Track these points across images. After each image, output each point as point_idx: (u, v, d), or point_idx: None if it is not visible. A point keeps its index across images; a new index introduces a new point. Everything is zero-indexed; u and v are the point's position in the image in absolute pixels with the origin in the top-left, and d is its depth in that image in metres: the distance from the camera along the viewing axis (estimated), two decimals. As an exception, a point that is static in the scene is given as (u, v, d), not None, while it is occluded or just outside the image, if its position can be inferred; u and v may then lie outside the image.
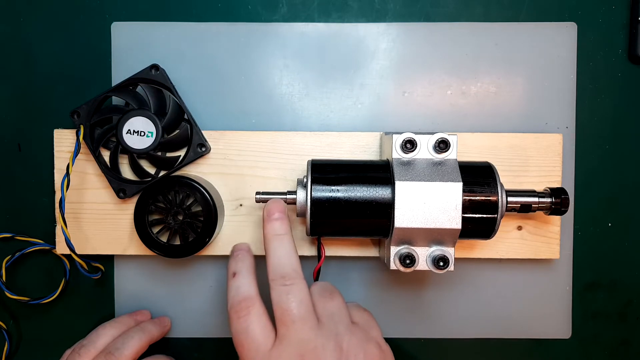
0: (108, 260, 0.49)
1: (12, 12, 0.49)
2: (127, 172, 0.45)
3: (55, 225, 0.46)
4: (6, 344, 0.49)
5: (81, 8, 0.49)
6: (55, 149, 0.46)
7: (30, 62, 0.49)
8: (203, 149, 0.45)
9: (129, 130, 0.44)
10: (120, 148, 0.44)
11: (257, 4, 0.49)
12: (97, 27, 0.48)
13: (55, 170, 0.46)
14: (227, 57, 0.48)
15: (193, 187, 0.43)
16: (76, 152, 0.43)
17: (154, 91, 0.45)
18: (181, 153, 0.45)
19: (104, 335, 0.42)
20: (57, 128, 0.46)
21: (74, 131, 0.46)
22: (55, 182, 0.46)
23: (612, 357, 0.50)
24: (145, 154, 0.44)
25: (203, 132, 0.46)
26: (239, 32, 0.48)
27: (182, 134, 0.45)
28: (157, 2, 0.49)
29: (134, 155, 0.44)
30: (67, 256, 0.48)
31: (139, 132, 0.44)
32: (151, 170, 0.45)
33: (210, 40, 0.48)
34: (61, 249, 0.46)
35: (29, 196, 0.49)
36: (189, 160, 0.45)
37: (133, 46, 0.47)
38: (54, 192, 0.46)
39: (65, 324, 0.49)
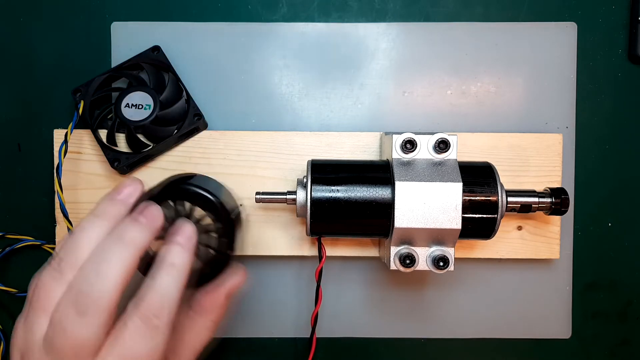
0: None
1: (12, 12, 0.49)
2: (124, 149, 0.46)
3: (56, 225, 0.46)
4: (2, 343, 0.49)
5: (81, 8, 0.49)
6: (55, 149, 0.46)
7: (30, 62, 0.49)
8: (198, 119, 0.45)
9: (128, 104, 0.45)
10: (118, 122, 0.44)
11: (257, 4, 0.49)
12: (97, 27, 0.48)
13: (55, 170, 0.46)
14: (227, 57, 0.48)
15: (196, 196, 0.33)
16: (74, 124, 0.43)
17: (154, 71, 0.46)
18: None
19: (86, 242, 0.29)
20: (57, 128, 0.46)
21: (74, 131, 0.46)
22: (55, 181, 0.46)
23: (612, 357, 0.50)
24: (141, 126, 0.44)
25: (203, 131, 0.46)
26: (239, 32, 0.48)
27: (179, 106, 0.45)
28: (157, 2, 0.49)
29: (131, 129, 0.44)
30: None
31: (137, 105, 0.44)
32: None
33: (210, 40, 0.48)
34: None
35: (29, 196, 0.49)
36: (184, 130, 0.45)
37: (133, 46, 0.47)
38: (53, 192, 0.46)
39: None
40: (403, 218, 0.38)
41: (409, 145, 0.39)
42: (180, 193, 0.33)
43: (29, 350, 0.28)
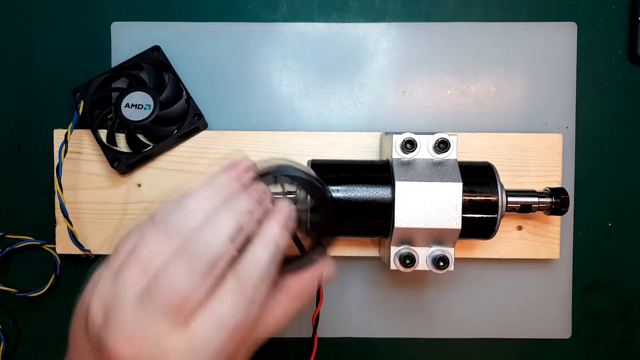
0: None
1: (12, 12, 0.49)
2: (124, 149, 0.46)
3: (56, 225, 0.46)
4: (2, 343, 0.49)
5: (81, 8, 0.49)
6: (55, 149, 0.46)
7: (30, 61, 0.49)
8: (198, 119, 0.45)
9: (128, 104, 0.45)
10: (118, 122, 0.45)
11: (257, 4, 0.49)
12: (97, 27, 0.48)
13: (55, 170, 0.46)
14: (227, 57, 0.48)
15: (301, 180, 0.33)
16: (74, 124, 0.43)
17: (154, 71, 0.46)
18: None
19: (198, 212, 0.29)
20: (57, 128, 0.46)
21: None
22: (55, 181, 0.46)
23: (612, 357, 0.50)
24: (141, 126, 0.44)
25: (203, 131, 0.46)
26: (239, 32, 0.48)
27: (179, 106, 0.45)
28: (157, 2, 0.49)
29: (131, 129, 0.44)
30: (59, 254, 0.48)
31: (137, 105, 0.44)
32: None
33: (210, 40, 0.48)
34: (61, 248, 0.46)
35: (29, 196, 0.49)
36: (184, 130, 0.45)
37: (133, 46, 0.47)
38: (53, 192, 0.46)
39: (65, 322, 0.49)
40: (403, 218, 0.38)
41: (409, 145, 0.39)
42: (286, 175, 0.33)
43: (118, 303, 0.28)
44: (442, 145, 0.39)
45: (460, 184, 0.38)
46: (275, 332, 0.33)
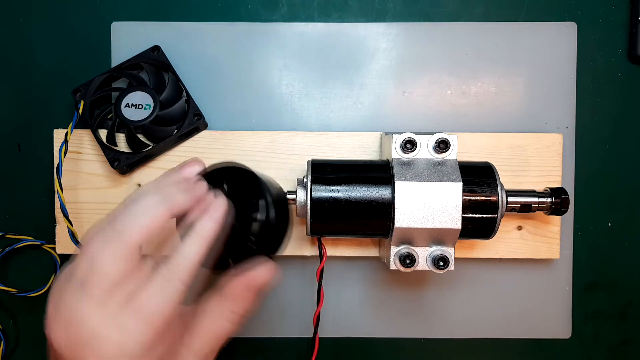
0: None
1: (12, 12, 0.49)
2: (124, 149, 0.46)
3: (56, 225, 0.46)
4: (2, 343, 0.49)
5: (81, 8, 0.49)
6: (55, 148, 0.46)
7: (30, 62, 0.49)
8: (198, 119, 0.45)
9: (128, 104, 0.45)
10: (118, 122, 0.45)
11: (257, 3, 0.49)
12: (97, 27, 0.48)
13: (55, 170, 0.46)
14: (227, 57, 0.48)
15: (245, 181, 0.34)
16: (74, 124, 0.43)
17: (154, 71, 0.46)
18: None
19: (137, 208, 0.31)
20: (57, 128, 0.46)
21: (74, 131, 0.46)
22: (55, 181, 0.46)
23: (612, 357, 0.50)
24: (141, 126, 0.44)
25: (203, 131, 0.46)
26: (239, 32, 0.48)
27: (179, 106, 0.45)
28: (157, 2, 0.49)
29: (131, 128, 0.44)
30: (59, 254, 0.48)
31: (137, 105, 0.45)
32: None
33: (210, 40, 0.48)
34: (61, 248, 0.46)
35: (29, 196, 0.49)
36: (184, 130, 0.45)
37: (133, 46, 0.47)
38: (53, 192, 0.46)
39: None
40: (403, 218, 0.38)
41: (409, 145, 0.39)
42: (228, 176, 0.35)
43: (63, 295, 0.29)
44: (442, 145, 0.39)
45: (460, 184, 0.38)
46: (215, 339, 0.33)
